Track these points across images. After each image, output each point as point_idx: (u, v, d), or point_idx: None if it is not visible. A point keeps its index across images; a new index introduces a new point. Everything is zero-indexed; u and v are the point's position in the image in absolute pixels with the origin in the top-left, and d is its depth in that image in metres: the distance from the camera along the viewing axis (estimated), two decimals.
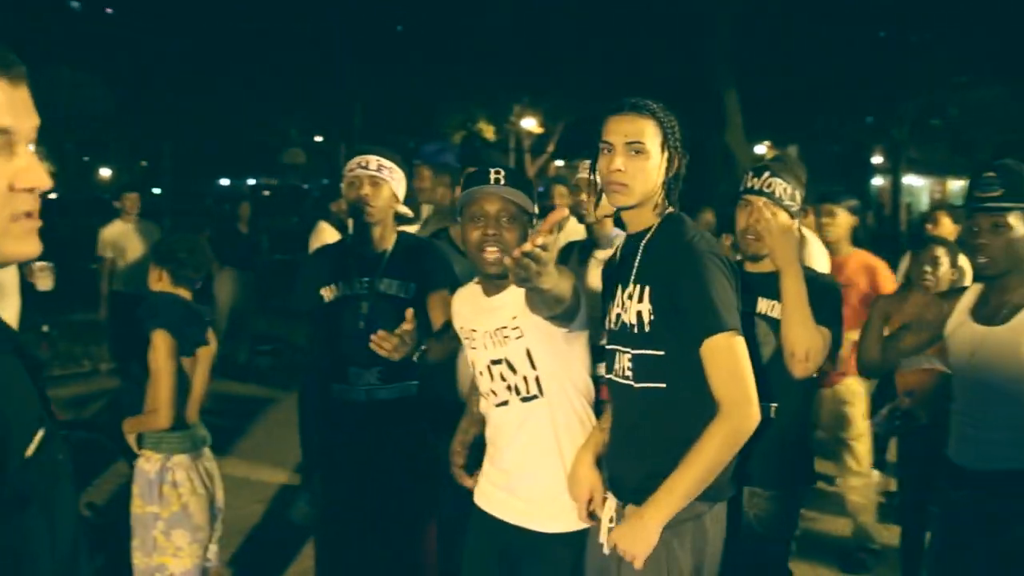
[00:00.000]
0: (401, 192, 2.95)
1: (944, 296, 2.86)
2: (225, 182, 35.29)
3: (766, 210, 2.67)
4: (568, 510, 2.38)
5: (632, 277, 2.20)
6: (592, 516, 2.33)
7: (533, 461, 2.41)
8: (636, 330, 2.15)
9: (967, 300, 2.71)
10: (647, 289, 2.15)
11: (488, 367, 2.44)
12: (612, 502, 2.27)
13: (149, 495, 3.05)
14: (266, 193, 28.42)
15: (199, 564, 3.11)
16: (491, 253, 2.29)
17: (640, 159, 2.16)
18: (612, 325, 2.28)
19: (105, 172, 33.64)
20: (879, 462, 4.71)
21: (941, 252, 3.66)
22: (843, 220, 4.42)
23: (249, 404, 7.00)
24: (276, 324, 9.50)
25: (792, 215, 2.72)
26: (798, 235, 2.78)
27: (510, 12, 22.32)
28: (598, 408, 2.49)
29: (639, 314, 2.15)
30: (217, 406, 4.97)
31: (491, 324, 2.43)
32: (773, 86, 19.21)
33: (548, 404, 2.38)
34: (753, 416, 2.05)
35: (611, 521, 2.25)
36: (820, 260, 3.98)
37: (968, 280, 3.88)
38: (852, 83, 19.10)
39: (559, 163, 31.11)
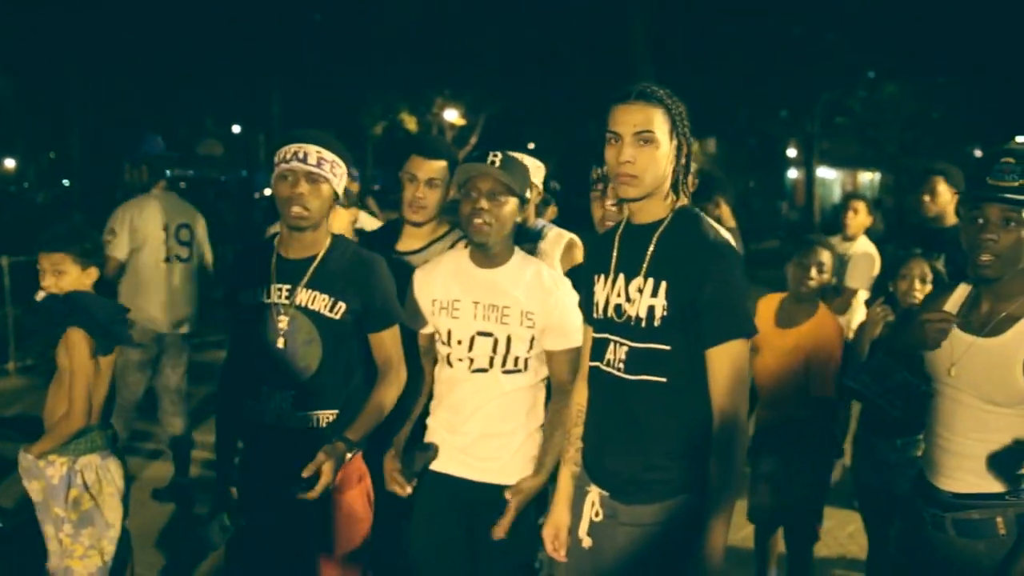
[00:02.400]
0: (342, 188, 2.55)
1: (929, 298, 2.55)
2: None
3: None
4: (528, 461, 2.61)
5: (643, 270, 2.13)
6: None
7: (503, 424, 2.61)
8: (644, 324, 2.10)
9: (953, 301, 2.35)
10: (663, 284, 2.09)
11: (472, 337, 2.59)
12: (596, 494, 2.23)
13: (54, 499, 2.93)
14: (182, 185, 27.59)
15: (108, 563, 3.01)
16: (479, 224, 2.50)
17: (649, 149, 2.07)
18: (605, 314, 2.20)
19: (10, 163, 32.22)
20: None
21: (826, 256, 3.52)
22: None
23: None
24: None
25: None
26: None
27: (430, 2, 22.19)
28: None
29: (651, 308, 2.09)
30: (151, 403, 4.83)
31: (484, 297, 2.60)
32: (692, 81, 19.58)
33: (525, 377, 2.62)
34: (747, 418, 2.11)
35: (596, 515, 2.22)
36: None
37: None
38: (767, 79, 19.60)
39: None
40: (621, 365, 2.15)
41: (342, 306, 2.49)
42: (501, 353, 2.58)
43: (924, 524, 2.33)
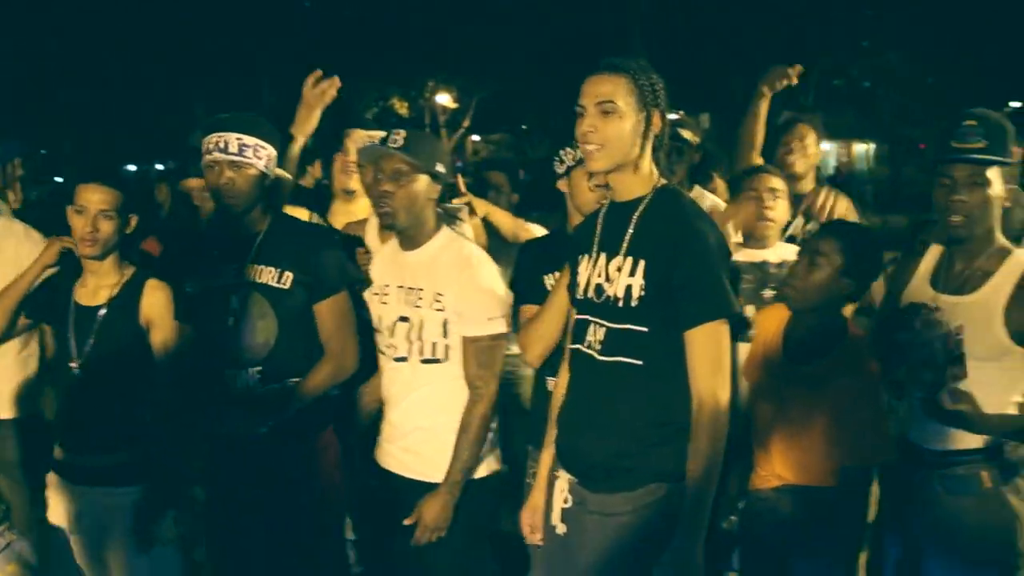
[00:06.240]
0: (272, 166, 2.58)
1: (902, 263, 2.53)
2: (132, 168, 34.10)
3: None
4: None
5: (623, 249, 2.08)
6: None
7: (426, 417, 2.48)
8: (622, 304, 2.05)
9: (925, 266, 2.43)
10: (642, 263, 2.04)
11: (394, 323, 2.50)
12: (565, 480, 2.18)
13: None
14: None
15: None
16: (383, 208, 2.44)
17: (612, 119, 2.02)
18: (586, 295, 2.16)
19: None
20: None
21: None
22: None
23: None
24: None
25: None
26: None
27: None
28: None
29: (628, 288, 2.04)
30: None
31: (404, 280, 2.51)
32: (684, 55, 19.46)
33: (448, 368, 2.46)
34: (728, 404, 2.01)
35: (565, 501, 2.17)
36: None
37: None
38: (759, 51, 19.48)
39: (476, 137, 31.02)
40: (599, 346, 2.09)
41: (289, 276, 2.52)
42: (416, 339, 2.46)
43: (912, 487, 2.36)
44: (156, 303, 2.58)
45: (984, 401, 2.23)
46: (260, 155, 2.52)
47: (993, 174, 2.23)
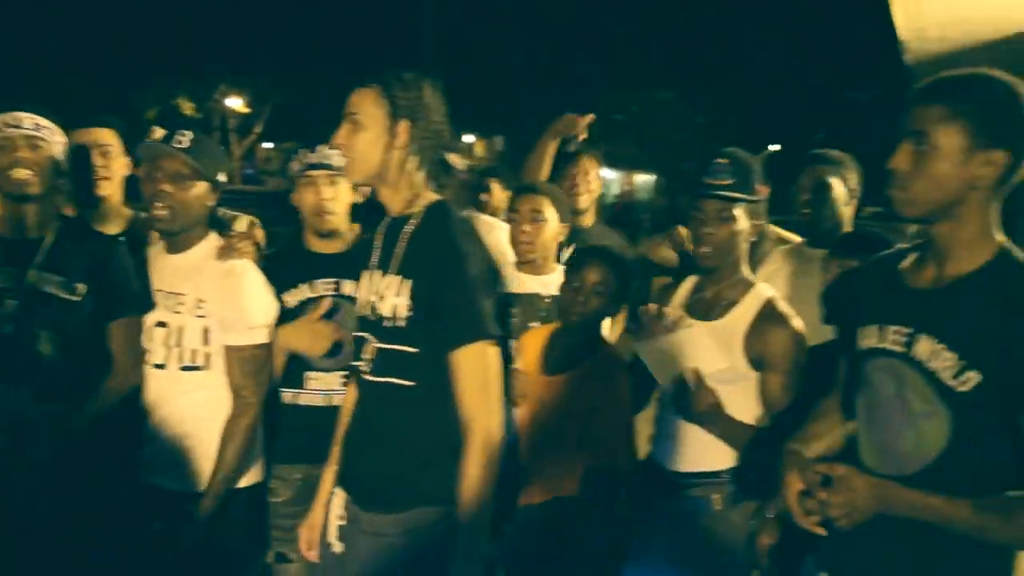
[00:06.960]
0: (64, 161, 2.43)
1: (662, 289, 2.66)
2: None
3: (327, 182, 2.62)
4: None
5: (392, 267, 2.05)
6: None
7: (184, 425, 2.42)
8: (391, 324, 2.01)
9: (682, 293, 2.56)
10: (409, 283, 2.00)
11: (152, 328, 2.44)
12: (340, 497, 2.15)
13: None
14: None
15: None
16: (158, 209, 2.36)
17: (356, 131, 2.01)
18: (362, 311, 2.13)
19: None
20: None
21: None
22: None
23: None
24: None
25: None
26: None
27: None
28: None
29: (395, 308, 2.00)
30: None
31: (164, 284, 2.44)
32: (480, 77, 19.98)
33: (209, 376, 2.41)
34: (500, 428, 1.98)
35: (341, 518, 2.13)
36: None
37: None
38: (548, 79, 20.37)
39: (268, 144, 30.13)
40: (371, 366, 2.07)
41: (81, 287, 2.36)
42: (175, 346, 2.41)
43: (654, 507, 2.49)
44: None
45: None
46: (56, 141, 2.38)
47: (739, 210, 2.38)
